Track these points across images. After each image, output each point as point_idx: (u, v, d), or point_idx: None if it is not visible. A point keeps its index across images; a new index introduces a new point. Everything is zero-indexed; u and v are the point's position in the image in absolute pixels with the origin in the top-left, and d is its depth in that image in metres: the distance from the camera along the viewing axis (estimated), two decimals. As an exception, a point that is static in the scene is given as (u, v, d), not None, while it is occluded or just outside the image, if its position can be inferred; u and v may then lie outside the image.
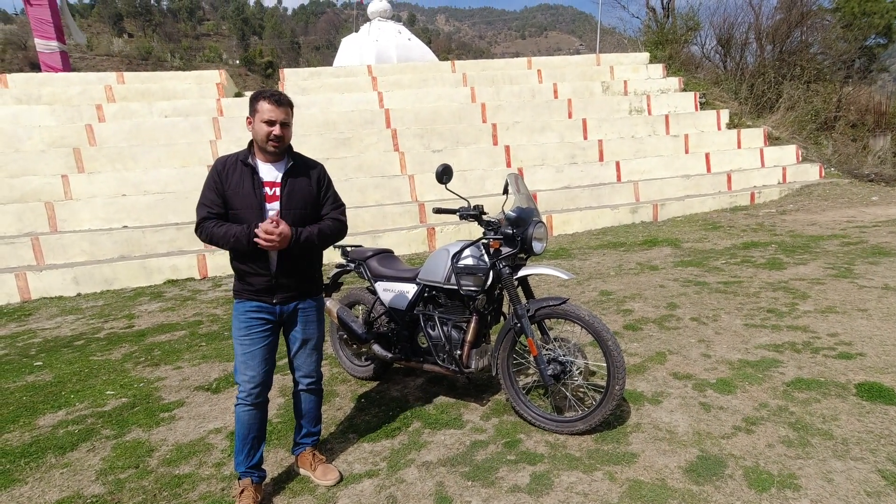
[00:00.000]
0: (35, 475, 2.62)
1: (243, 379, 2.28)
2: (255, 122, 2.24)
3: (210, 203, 2.24)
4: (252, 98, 2.27)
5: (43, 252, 6.82)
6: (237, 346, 2.31)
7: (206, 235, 2.24)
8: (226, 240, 2.20)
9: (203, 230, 2.24)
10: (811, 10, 16.05)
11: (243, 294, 2.31)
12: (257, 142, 2.27)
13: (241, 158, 2.28)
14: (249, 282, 2.29)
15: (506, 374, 2.80)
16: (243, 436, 2.31)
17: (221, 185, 2.25)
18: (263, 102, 2.21)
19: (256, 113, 2.23)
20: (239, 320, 2.31)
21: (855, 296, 4.43)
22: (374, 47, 13.87)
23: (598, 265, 6.20)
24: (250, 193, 2.25)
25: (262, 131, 2.22)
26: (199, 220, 2.25)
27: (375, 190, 8.52)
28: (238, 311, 2.32)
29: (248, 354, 2.28)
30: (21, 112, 9.18)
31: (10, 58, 42.35)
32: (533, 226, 2.68)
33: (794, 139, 12.18)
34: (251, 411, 2.31)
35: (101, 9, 69.15)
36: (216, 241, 2.23)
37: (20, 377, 3.91)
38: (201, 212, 2.25)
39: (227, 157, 2.31)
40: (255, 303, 2.30)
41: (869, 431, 2.52)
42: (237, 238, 2.19)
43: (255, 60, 58.13)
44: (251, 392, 2.29)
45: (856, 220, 7.76)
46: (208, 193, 2.26)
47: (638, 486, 2.24)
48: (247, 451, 2.31)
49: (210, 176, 2.26)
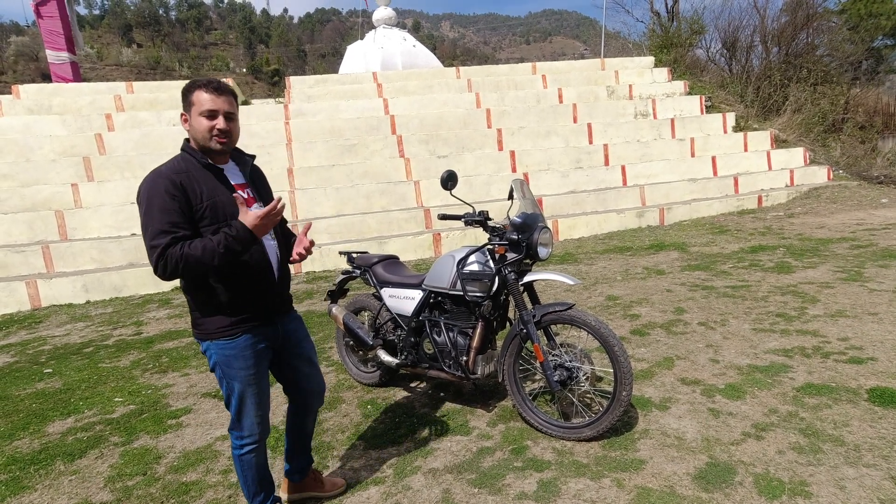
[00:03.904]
0: (44, 482, 2.64)
1: (254, 422, 2.00)
2: (191, 118, 1.86)
3: (172, 226, 1.74)
4: (185, 90, 1.88)
5: (53, 260, 6.90)
6: (245, 391, 1.95)
7: (177, 261, 1.72)
8: (212, 252, 1.74)
9: (170, 258, 1.71)
10: (817, 12, 15.99)
11: (238, 329, 1.91)
12: (197, 140, 1.87)
13: (199, 161, 1.88)
14: (244, 308, 1.92)
15: (512, 380, 2.79)
16: (259, 480, 2.09)
17: (186, 201, 1.78)
18: (200, 92, 1.84)
19: (192, 106, 1.85)
20: (243, 360, 1.93)
21: (865, 299, 4.38)
22: (380, 54, 13.95)
23: (604, 270, 6.17)
24: (229, 201, 1.86)
25: (203, 126, 1.84)
26: (163, 249, 1.71)
27: (381, 196, 8.55)
28: (237, 350, 1.92)
29: (259, 394, 1.99)
30: (32, 122, 9.32)
31: (22, 69, 43.05)
32: (538, 231, 2.68)
33: (801, 142, 12.10)
34: (262, 450, 2.07)
35: (111, 19, 70.23)
36: (194, 263, 1.74)
37: (30, 384, 3.94)
38: (161, 239, 1.72)
39: (170, 167, 1.84)
40: (258, 331, 1.96)
41: (881, 437, 2.49)
42: (232, 239, 1.75)
43: (262, 68, 58.71)
44: (264, 431, 2.04)
45: (865, 222, 7.68)
46: (166, 216, 1.74)
47: (646, 494, 2.22)
48: (263, 494, 2.12)
49: (160, 196, 1.76)
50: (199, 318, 1.94)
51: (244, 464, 2.05)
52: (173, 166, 1.86)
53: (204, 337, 1.94)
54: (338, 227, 7.87)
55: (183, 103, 1.90)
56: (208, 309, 1.91)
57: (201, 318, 1.93)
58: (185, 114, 1.90)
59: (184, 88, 1.90)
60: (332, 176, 8.78)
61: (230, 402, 1.99)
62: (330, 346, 4.29)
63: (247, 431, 2.01)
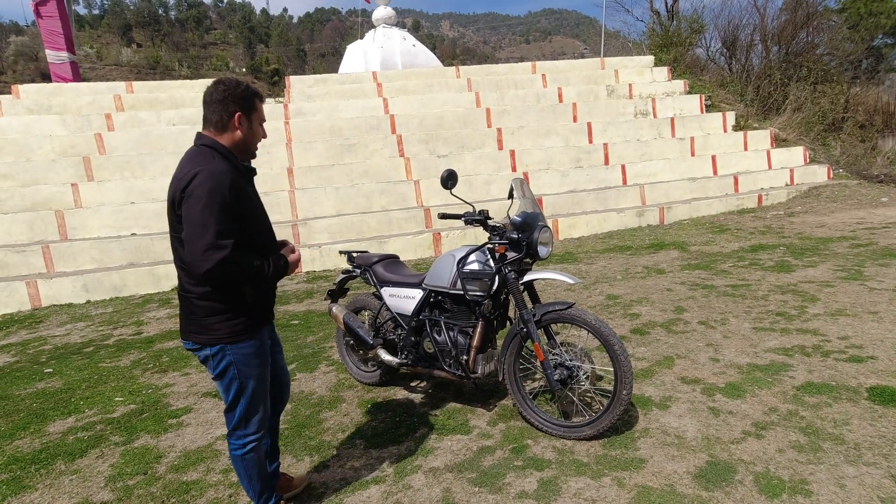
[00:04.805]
0: (45, 482, 2.64)
1: (261, 418, 2.04)
2: (253, 124, 1.95)
3: (233, 229, 1.77)
4: (248, 95, 1.91)
5: (53, 260, 6.90)
6: (258, 388, 2.00)
7: (236, 272, 1.77)
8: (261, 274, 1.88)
9: (230, 265, 1.74)
10: (817, 11, 15.99)
11: (255, 328, 1.97)
12: (247, 145, 1.96)
13: (237, 165, 1.92)
14: (261, 305, 2.01)
15: (512, 380, 2.79)
16: (262, 477, 2.10)
17: (238, 206, 1.81)
18: (258, 101, 1.96)
19: (255, 112, 1.94)
20: (262, 356, 2.01)
21: (865, 298, 4.38)
22: (379, 54, 13.94)
23: (604, 269, 6.18)
24: (261, 207, 2.00)
25: (260, 134, 1.99)
26: (229, 253, 1.73)
27: (381, 195, 8.55)
28: (256, 348, 1.98)
29: (266, 389, 2.05)
30: (32, 122, 9.31)
31: (21, 69, 43.04)
32: (538, 230, 2.68)
33: (801, 141, 12.09)
34: (262, 446, 2.08)
35: (111, 19, 70.22)
36: (243, 277, 1.84)
37: (31, 384, 3.94)
38: (227, 240, 1.73)
39: (222, 166, 1.82)
40: (265, 328, 2.05)
41: (881, 436, 2.49)
42: (275, 270, 1.93)
43: (262, 68, 58.67)
44: (264, 425, 2.07)
45: (865, 221, 7.68)
46: (229, 218, 1.75)
47: (646, 492, 2.22)
48: (268, 492, 2.14)
49: (223, 195, 1.75)
50: (215, 323, 1.89)
51: (247, 462, 2.05)
52: (224, 166, 1.83)
53: (217, 340, 1.91)
54: (338, 226, 7.87)
55: (241, 105, 1.89)
56: (232, 312, 1.90)
57: (220, 322, 1.89)
58: (244, 117, 1.90)
59: (242, 89, 1.90)
60: (332, 175, 8.78)
61: (238, 403, 1.99)
62: (330, 345, 4.30)
63: (253, 429, 2.03)
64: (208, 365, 1.98)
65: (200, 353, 1.97)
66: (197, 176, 1.76)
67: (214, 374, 1.98)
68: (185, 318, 1.96)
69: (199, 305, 1.90)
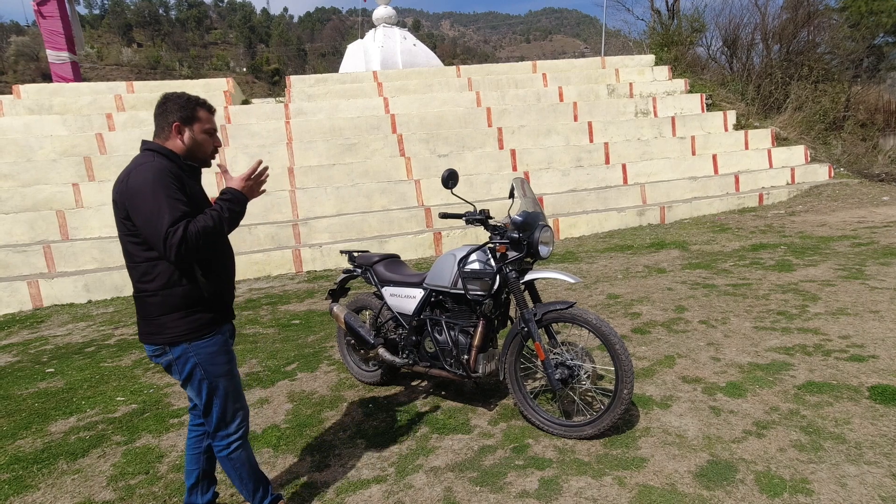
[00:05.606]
0: (47, 481, 2.65)
1: (239, 414, 2.04)
2: (195, 133, 1.93)
3: (184, 210, 1.78)
4: (187, 103, 1.92)
5: (54, 260, 6.91)
6: (228, 386, 1.99)
7: (197, 237, 1.75)
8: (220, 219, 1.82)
9: (190, 236, 1.73)
10: (818, 10, 15.98)
11: (216, 324, 1.95)
12: (195, 153, 1.95)
13: (180, 164, 1.93)
14: (223, 301, 1.99)
15: (513, 379, 2.80)
16: (253, 475, 2.10)
17: (182, 185, 1.85)
18: (202, 110, 1.95)
19: (198, 122, 1.94)
20: (225, 353, 1.98)
21: (866, 297, 4.38)
22: (380, 53, 13.94)
23: (605, 268, 6.17)
24: (207, 202, 1.98)
25: (209, 143, 1.97)
26: (184, 231, 1.72)
27: (382, 195, 8.55)
28: (219, 345, 1.96)
29: (238, 384, 2.04)
30: (33, 122, 9.32)
31: (22, 69, 43.09)
32: (539, 230, 2.68)
33: (802, 139, 12.08)
34: (247, 442, 2.09)
35: (111, 19, 70.24)
36: (211, 233, 1.79)
37: (32, 384, 3.95)
38: (179, 222, 1.73)
39: (156, 162, 1.86)
40: (227, 324, 2.03)
41: (882, 435, 2.49)
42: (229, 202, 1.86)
43: (262, 68, 58.69)
44: (246, 419, 2.07)
45: (866, 220, 7.68)
46: (177, 202, 1.77)
47: (647, 492, 2.22)
48: (262, 489, 2.13)
49: (167, 185, 1.78)
50: (172, 321, 1.86)
51: (235, 462, 2.04)
52: (165, 162, 1.86)
53: (177, 339, 1.88)
54: (338, 226, 7.87)
55: (180, 115, 1.90)
56: (189, 308, 1.88)
57: (178, 320, 1.86)
58: (185, 127, 1.91)
59: (183, 101, 1.92)
60: (333, 175, 8.78)
61: (212, 404, 1.97)
62: (331, 345, 4.30)
63: (234, 427, 2.02)
64: (173, 371, 1.95)
65: (163, 360, 1.93)
66: (135, 171, 1.82)
67: (182, 379, 1.95)
68: (142, 319, 1.93)
69: (152, 304, 1.87)
